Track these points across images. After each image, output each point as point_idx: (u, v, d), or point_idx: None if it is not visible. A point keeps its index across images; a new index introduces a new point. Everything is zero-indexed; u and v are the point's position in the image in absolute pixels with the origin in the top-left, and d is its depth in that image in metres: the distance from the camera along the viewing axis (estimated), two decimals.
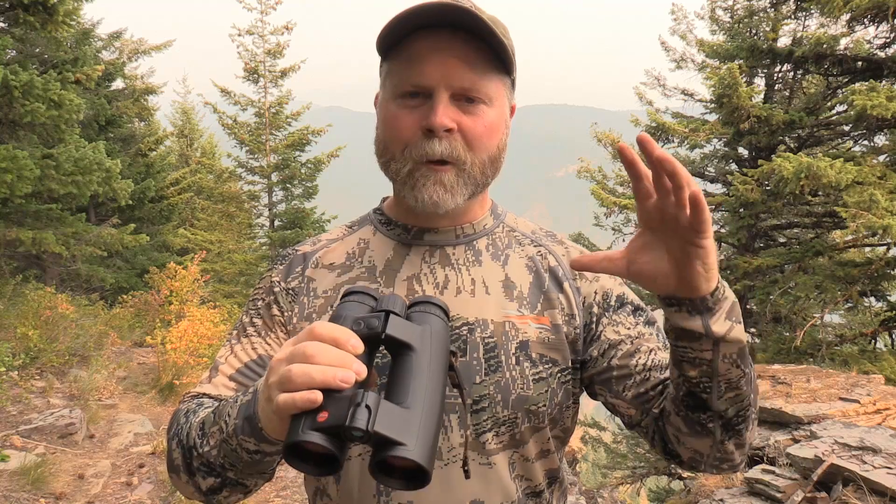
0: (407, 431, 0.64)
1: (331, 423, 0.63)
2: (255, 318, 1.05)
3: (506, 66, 0.94)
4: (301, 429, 0.64)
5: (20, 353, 6.14)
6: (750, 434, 0.89)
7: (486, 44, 0.90)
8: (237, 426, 0.78)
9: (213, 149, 23.31)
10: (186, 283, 9.31)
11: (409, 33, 0.91)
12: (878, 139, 9.64)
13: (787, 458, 4.11)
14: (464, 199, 0.95)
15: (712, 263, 0.73)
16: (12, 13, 7.52)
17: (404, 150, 0.93)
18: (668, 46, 13.42)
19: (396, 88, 0.93)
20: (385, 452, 0.63)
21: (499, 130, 0.96)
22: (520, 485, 0.97)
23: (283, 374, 0.67)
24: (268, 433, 0.74)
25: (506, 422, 0.94)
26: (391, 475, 0.66)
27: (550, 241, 1.09)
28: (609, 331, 0.99)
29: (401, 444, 0.63)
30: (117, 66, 14.60)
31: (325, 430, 0.63)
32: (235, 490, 0.88)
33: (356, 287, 0.82)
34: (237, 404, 0.80)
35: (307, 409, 0.64)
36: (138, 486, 4.52)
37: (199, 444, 0.85)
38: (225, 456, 0.82)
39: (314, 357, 0.66)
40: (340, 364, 0.66)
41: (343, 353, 0.67)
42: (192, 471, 0.87)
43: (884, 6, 8.15)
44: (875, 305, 9.51)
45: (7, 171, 6.82)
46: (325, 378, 0.64)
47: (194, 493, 0.90)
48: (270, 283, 1.07)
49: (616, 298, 1.03)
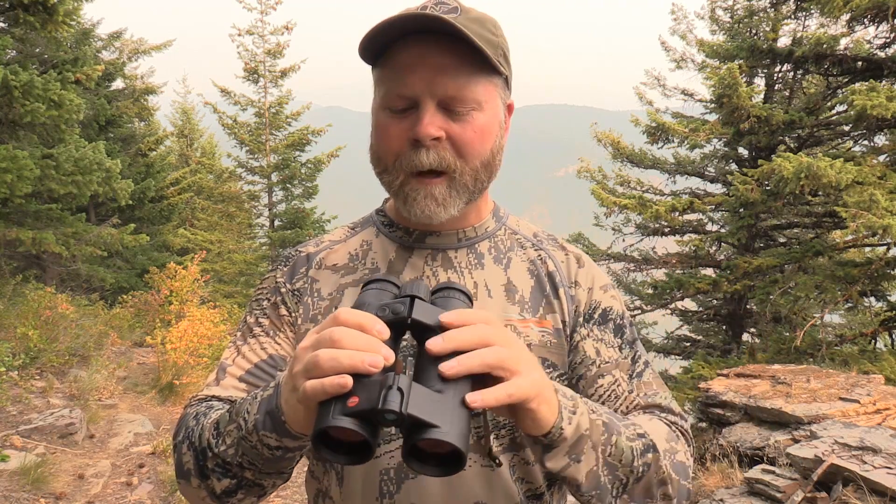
0: (441, 414, 0.62)
1: (362, 406, 0.61)
2: (260, 318, 1.04)
3: (494, 67, 0.93)
4: (331, 415, 0.62)
5: (20, 353, 6.14)
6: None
7: (470, 47, 0.89)
8: (258, 421, 0.76)
9: (213, 149, 23.33)
10: (186, 283, 9.32)
11: (395, 40, 0.90)
12: (878, 139, 9.63)
13: (787, 458, 4.11)
14: (457, 209, 0.95)
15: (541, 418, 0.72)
16: (12, 13, 7.52)
17: (395, 161, 0.93)
18: (668, 46, 13.43)
19: (384, 99, 0.93)
20: (419, 436, 0.61)
21: (492, 133, 0.95)
22: (521, 487, 0.97)
23: (309, 361, 0.66)
24: (291, 426, 0.73)
25: (506, 425, 0.95)
26: (425, 463, 0.65)
27: (552, 245, 1.09)
28: (588, 344, 1.00)
29: (435, 427, 0.61)
30: (117, 66, 14.62)
31: (356, 414, 0.61)
32: (251, 492, 0.86)
33: (378, 275, 0.81)
34: (257, 400, 0.78)
35: (336, 395, 0.63)
36: (138, 486, 4.52)
37: (213, 444, 0.82)
38: (243, 454, 0.80)
39: (341, 342, 0.65)
40: (368, 349, 0.65)
41: (370, 338, 0.66)
42: (206, 473, 0.85)
43: (884, 6, 8.15)
44: (875, 305, 9.50)
45: (7, 171, 6.82)
46: (354, 362, 0.63)
47: (207, 497, 0.87)
48: (276, 283, 1.06)
49: (601, 313, 1.03)
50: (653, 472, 0.85)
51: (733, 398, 5.62)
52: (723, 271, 10.83)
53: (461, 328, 0.69)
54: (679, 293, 11.32)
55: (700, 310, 12.81)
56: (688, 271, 12.06)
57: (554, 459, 0.77)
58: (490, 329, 0.69)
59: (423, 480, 0.92)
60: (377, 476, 0.93)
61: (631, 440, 0.84)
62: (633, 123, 12.28)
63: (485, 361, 0.66)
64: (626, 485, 0.83)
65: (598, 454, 0.79)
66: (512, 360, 0.68)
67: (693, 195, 12.01)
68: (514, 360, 0.69)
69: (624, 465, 0.82)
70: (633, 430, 0.86)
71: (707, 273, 11.71)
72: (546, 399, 0.72)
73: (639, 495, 0.85)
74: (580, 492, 0.81)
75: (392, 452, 0.93)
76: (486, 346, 0.68)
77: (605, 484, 0.81)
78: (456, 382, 0.66)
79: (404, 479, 0.93)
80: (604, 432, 0.80)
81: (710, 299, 12.38)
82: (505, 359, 0.68)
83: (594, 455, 0.79)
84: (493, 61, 0.91)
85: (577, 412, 0.77)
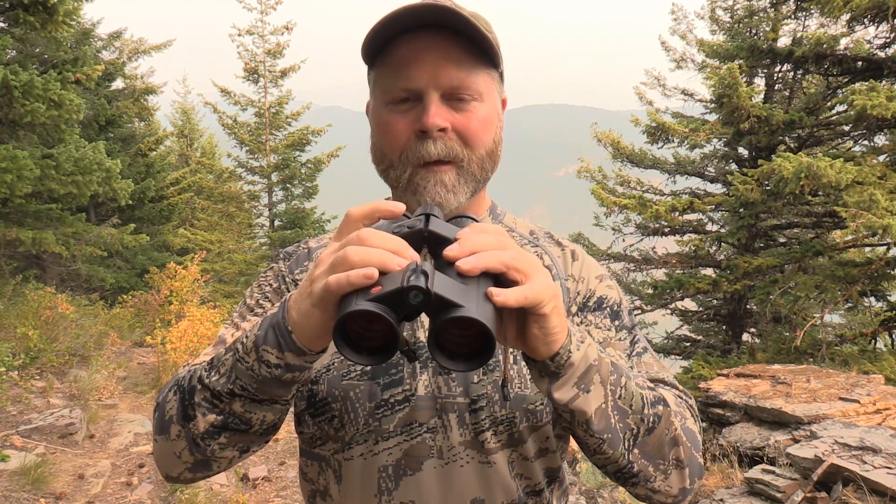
0: (466, 299, 0.61)
1: (388, 290, 0.59)
2: (262, 300, 1.04)
3: (492, 60, 0.94)
4: (355, 301, 0.59)
5: (20, 353, 6.14)
6: (668, 483, 0.86)
7: (469, 40, 0.91)
8: (258, 338, 0.75)
9: (213, 149, 23.33)
10: (186, 283, 9.32)
11: (393, 38, 0.91)
12: (878, 139, 9.64)
13: (787, 458, 4.11)
14: (466, 196, 0.95)
15: (552, 328, 0.70)
16: (12, 13, 7.52)
17: (401, 155, 0.93)
18: (668, 46, 13.44)
19: (386, 94, 0.94)
20: (446, 314, 0.59)
21: (493, 124, 0.96)
22: (519, 483, 0.97)
23: (337, 257, 0.65)
24: (298, 337, 0.71)
25: (504, 420, 0.94)
26: (453, 359, 0.63)
27: (548, 241, 1.09)
28: (580, 329, 0.99)
29: (462, 306, 0.59)
30: (117, 66, 14.62)
31: (381, 299, 0.59)
32: (235, 436, 0.83)
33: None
34: (258, 323, 0.77)
35: (361, 287, 0.61)
36: (138, 486, 4.52)
37: (204, 377, 0.81)
38: (236, 378, 0.77)
39: (369, 240, 0.65)
40: (396, 250, 0.64)
41: (399, 239, 0.66)
42: (190, 413, 0.81)
43: (884, 6, 8.15)
44: (875, 305, 9.51)
45: (7, 171, 6.82)
46: (384, 259, 0.63)
47: (186, 447, 0.84)
48: (280, 272, 1.07)
49: (596, 300, 1.03)
50: (664, 427, 0.83)
51: (733, 398, 5.62)
52: (723, 271, 10.84)
53: (479, 234, 0.68)
54: (679, 293, 11.33)
55: (700, 310, 12.82)
56: (688, 271, 12.07)
57: (562, 389, 0.75)
58: (506, 237, 0.69)
59: (420, 477, 0.92)
60: (375, 473, 0.93)
61: (641, 388, 0.83)
62: (633, 123, 12.29)
63: (501, 260, 0.66)
64: (638, 435, 0.82)
65: (606, 391, 0.78)
66: (527, 264, 0.68)
67: (693, 195, 12.02)
68: (530, 264, 0.68)
69: (634, 412, 0.80)
70: (642, 380, 0.85)
71: (707, 273, 11.72)
72: (558, 309, 0.70)
73: (651, 451, 0.84)
74: (591, 430, 0.79)
75: (391, 450, 0.93)
76: (501, 251, 0.67)
77: (616, 428, 0.80)
78: (477, 279, 0.64)
79: (402, 476, 0.93)
80: (612, 371, 0.79)
81: (710, 299, 12.39)
82: (521, 261, 0.67)
83: (603, 391, 0.77)
84: (496, 52, 0.93)
85: (586, 342, 0.76)
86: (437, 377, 0.93)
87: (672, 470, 0.86)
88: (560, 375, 0.74)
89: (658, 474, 0.85)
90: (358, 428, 0.94)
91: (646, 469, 0.84)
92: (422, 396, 0.93)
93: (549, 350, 0.72)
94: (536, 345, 0.71)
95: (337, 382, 0.94)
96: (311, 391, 0.96)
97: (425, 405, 0.93)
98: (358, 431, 0.94)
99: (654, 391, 0.85)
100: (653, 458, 0.84)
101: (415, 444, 0.92)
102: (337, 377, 0.95)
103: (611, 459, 0.83)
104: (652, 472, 0.85)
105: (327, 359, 0.97)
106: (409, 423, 0.93)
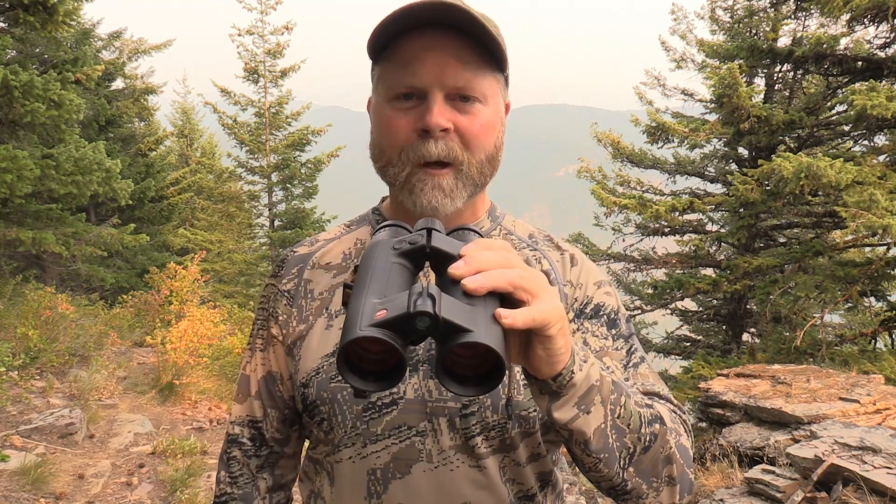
0: (474, 322, 0.59)
1: (393, 314, 0.57)
2: (261, 329, 1.09)
3: (499, 63, 0.93)
4: (358, 327, 0.58)
5: (20, 353, 6.13)
6: (658, 500, 0.86)
7: (477, 41, 0.89)
8: None
9: (213, 149, 23.33)
10: (186, 283, 9.32)
11: (400, 35, 0.89)
12: (878, 139, 9.64)
13: (787, 458, 4.11)
14: (463, 201, 0.94)
15: (557, 349, 0.69)
16: (12, 13, 7.51)
17: (401, 153, 0.92)
18: (668, 46, 13.44)
19: (390, 91, 0.92)
20: (454, 341, 0.57)
21: (495, 128, 0.95)
22: (511, 488, 0.96)
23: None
24: None
25: (495, 426, 0.93)
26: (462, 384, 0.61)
27: (547, 245, 1.07)
28: (576, 337, 0.98)
29: (470, 331, 0.57)
30: (117, 66, 14.62)
31: (385, 324, 0.57)
32: None
33: (389, 222, 0.79)
34: None
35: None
36: (138, 486, 4.52)
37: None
38: None
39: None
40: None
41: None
42: None
43: (884, 6, 8.16)
44: (875, 305, 9.50)
45: (7, 171, 6.82)
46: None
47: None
48: (269, 291, 1.08)
49: (594, 307, 1.01)
50: (659, 445, 0.83)
51: (733, 398, 5.62)
52: (723, 271, 10.84)
53: (483, 251, 0.67)
54: (679, 293, 11.32)
55: (700, 310, 12.81)
56: (688, 271, 12.07)
57: (562, 409, 0.74)
58: (512, 254, 0.68)
59: (409, 480, 0.92)
60: (365, 476, 0.93)
61: (639, 406, 0.82)
62: (633, 123, 12.30)
63: (508, 279, 0.64)
64: (634, 454, 0.81)
65: (606, 411, 0.77)
66: (535, 283, 0.67)
67: (693, 195, 12.02)
68: (537, 283, 0.67)
69: (632, 431, 0.80)
70: (640, 397, 0.85)
71: (707, 273, 11.71)
72: (564, 331, 0.69)
73: (645, 470, 0.83)
74: (589, 450, 0.78)
75: (378, 453, 0.93)
76: (508, 269, 0.66)
77: (613, 448, 0.79)
78: (484, 300, 0.63)
79: (391, 479, 0.92)
80: (613, 390, 0.78)
81: (710, 299, 12.39)
82: (528, 280, 0.66)
83: (603, 411, 0.77)
84: (504, 55, 0.91)
85: (588, 362, 0.76)
86: (428, 381, 0.93)
87: (664, 487, 0.85)
88: (561, 395, 0.74)
89: (651, 491, 0.85)
90: (346, 430, 0.93)
91: (639, 487, 0.84)
92: (410, 400, 0.92)
93: (552, 370, 0.71)
94: (539, 364, 0.71)
95: (325, 385, 0.94)
96: (303, 395, 0.97)
97: (414, 408, 0.92)
98: (346, 434, 0.94)
99: (651, 408, 0.84)
100: (647, 476, 0.84)
101: (404, 447, 0.92)
102: (325, 380, 0.95)
103: (605, 477, 0.82)
104: (645, 489, 0.85)
105: (316, 362, 0.96)
106: (397, 426, 0.92)
